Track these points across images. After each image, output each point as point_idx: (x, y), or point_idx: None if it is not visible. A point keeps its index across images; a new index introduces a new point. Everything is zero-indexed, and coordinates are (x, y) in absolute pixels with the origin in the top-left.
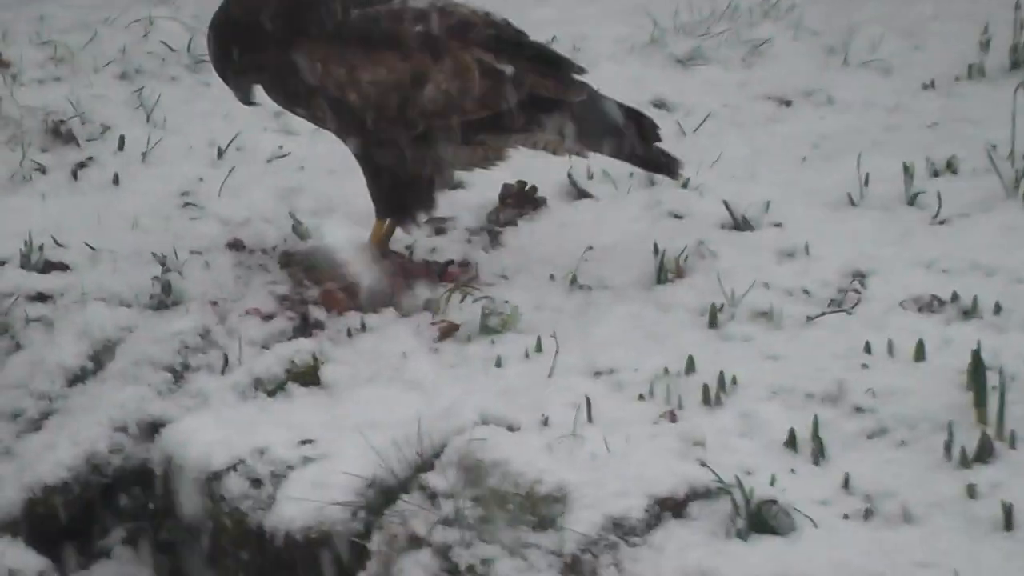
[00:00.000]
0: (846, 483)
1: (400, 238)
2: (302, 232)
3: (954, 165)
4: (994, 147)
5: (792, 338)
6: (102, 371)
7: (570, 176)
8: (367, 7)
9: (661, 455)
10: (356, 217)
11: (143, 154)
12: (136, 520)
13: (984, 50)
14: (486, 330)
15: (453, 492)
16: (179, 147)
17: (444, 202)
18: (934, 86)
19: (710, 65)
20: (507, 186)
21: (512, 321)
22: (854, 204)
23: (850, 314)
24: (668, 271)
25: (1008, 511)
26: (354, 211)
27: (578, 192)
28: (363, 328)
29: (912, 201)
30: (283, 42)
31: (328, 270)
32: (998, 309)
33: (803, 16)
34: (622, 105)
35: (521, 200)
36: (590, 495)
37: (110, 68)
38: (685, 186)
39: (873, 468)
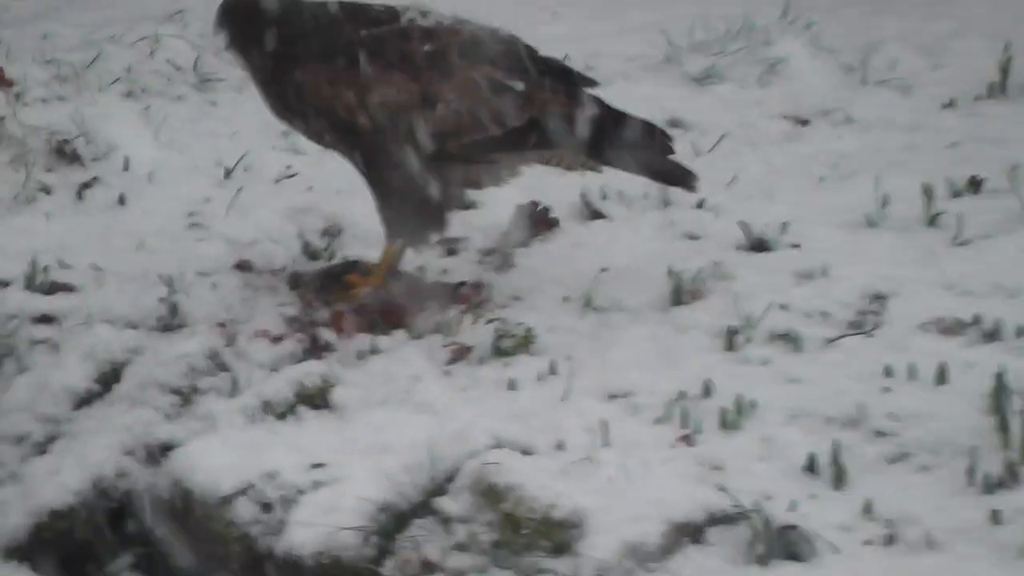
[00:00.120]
0: (867, 508)
1: (412, 259)
2: (311, 253)
3: (975, 185)
4: (1016, 167)
5: (811, 361)
6: (108, 394)
7: (583, 196)
8: (374, 27)
9: (678, 479)
10: (366, 238)
11: (149, 174)
12: (144, 545)
13: (1005, 69)
14: (499, 352)
15: (467, 517)
16: (186, 167)
17: (456, 222)
18: (954, 105)
19: (725, 83)
20: (520, 206)
21: (525, 343)
22: (873, 225)
23: (870, 336)
24: (684, 293)
25: None
26: (364, 231)
27: (592, 212)
28: (374, 350)
29: (932, 222)
30: (286, 57)
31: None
32: (1021, 332)
33: (820, 34)
34: (636, 118)
35: (534, 220)
36: (606, 520)
37: (116, 87)
38: (700, 206)
39: (895, 493)
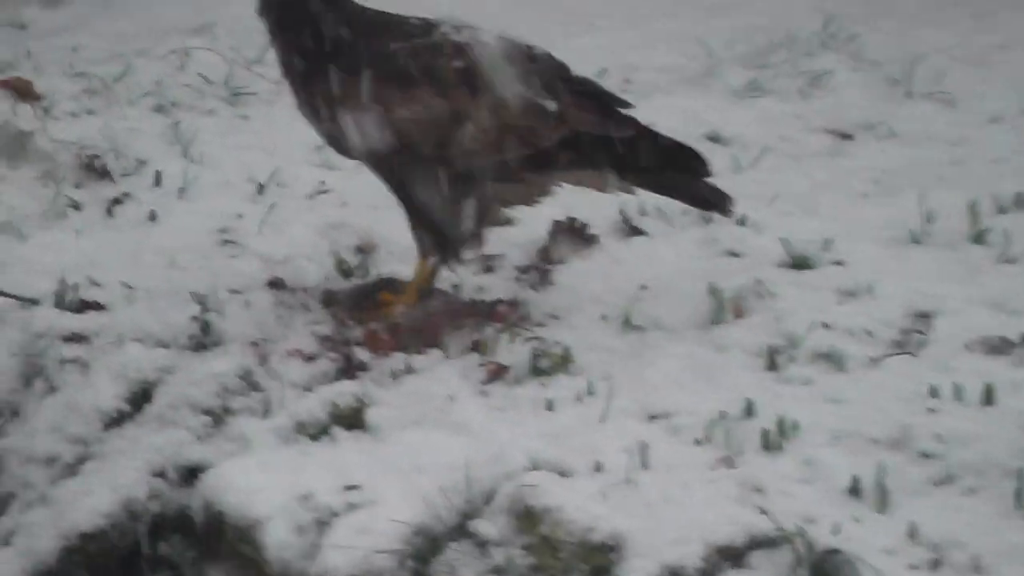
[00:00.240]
0: (912, 532)
1: (447, 277)
2: (345, 270)
3: (1022, 201)
4: None
5: (855, 381)
6: (139, 414)
7: (622, 212)
8: (405, 41)
9: (719, 502)
10: (401, 254)
11: (180, 190)
12: (175, 569)
13: None
14: (536, 372)
15: (503, 540)
16: (217, 182)
17: (492, 239)
18: (1001, 119)
19: (767, 97)
20: (557, 223)
21: (563, 362)
22: (917, 241)
23: (915, 356)
24: (725, 311)
25: None
26: (398, 248)
27: (631, 229)
28: (408, 370)
29: (978, 238)
30: (318, 60)
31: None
32: None
33: (864, 46)
34: (671, 140)
35: (572, 237)
36: (645, 543)
37: (145, 101)
38: (742, 223)
39: (940, 516)
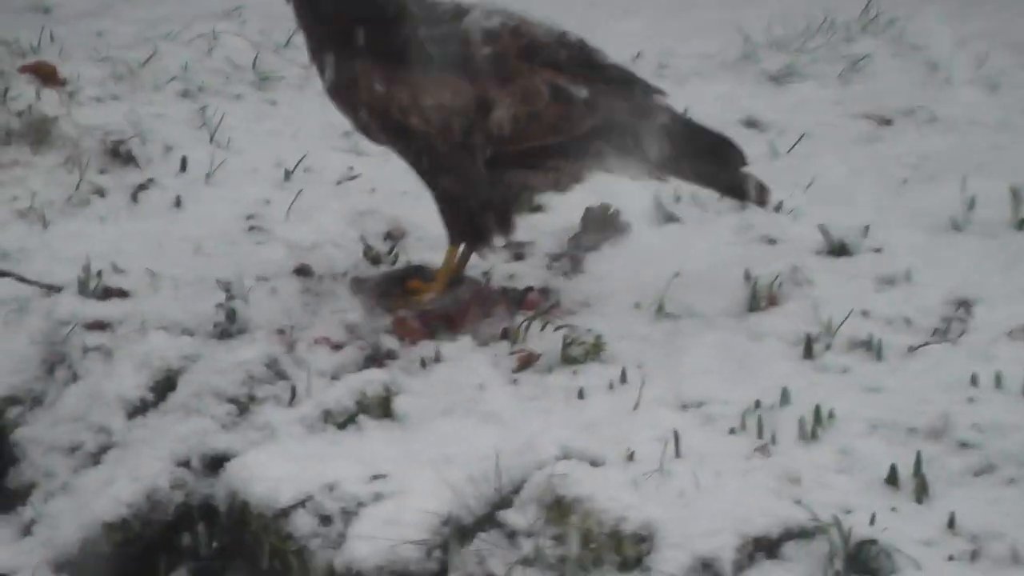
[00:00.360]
0: (951, 523)
1: (477, 264)
2: (373, 257)
3: None
4: None
5: (893, 369)
6: (163, 403)
7: (656, 199)
8: (435, 27)
9: (753, 492)
10: (430, 241)
11: (206, 175)
12: (199, 559)
13: None
14: (568, 360)
15: (533, 530)
16: (244, 168)
17: (523, 226)
18: None
19: (805, 82)
20: (590, 209)
21: (595, 351)
22: (958, 229)
23: (955, 344)
24: (760, 298)
25: None
26: (428, 235)
27: (665, 215)
28: (438, 358)
29: (1020, 226)
30: (346, 44)
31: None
32: None
33: (904, 31)
34: (706, 129)
35: (604, 224)
36: (678, 533)
37: (172, 86)
38: (778, 209)
39: (980, 507)
